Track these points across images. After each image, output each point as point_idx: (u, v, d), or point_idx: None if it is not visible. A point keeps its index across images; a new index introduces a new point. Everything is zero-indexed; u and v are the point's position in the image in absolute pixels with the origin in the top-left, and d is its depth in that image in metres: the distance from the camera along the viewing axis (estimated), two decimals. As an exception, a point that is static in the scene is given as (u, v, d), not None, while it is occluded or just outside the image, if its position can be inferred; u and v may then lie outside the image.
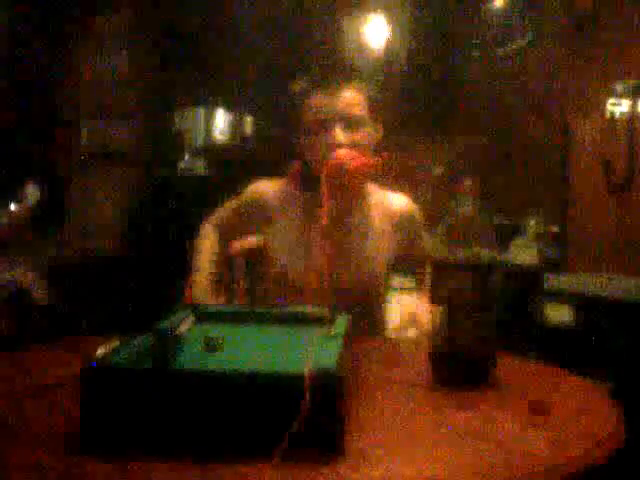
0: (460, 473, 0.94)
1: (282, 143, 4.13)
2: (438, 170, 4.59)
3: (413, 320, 1.73)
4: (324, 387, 0.95)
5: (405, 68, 4.67)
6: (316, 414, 0.94)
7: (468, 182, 3.96)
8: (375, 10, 4.64)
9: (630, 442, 1.08)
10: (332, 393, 0.95)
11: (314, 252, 1.82)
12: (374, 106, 1.83)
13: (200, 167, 4.71)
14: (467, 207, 1.29)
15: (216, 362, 1.13)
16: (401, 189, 1.97)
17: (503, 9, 4.50)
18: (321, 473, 0.92)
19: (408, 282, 2.01)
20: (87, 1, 4.51)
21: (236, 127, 4.78)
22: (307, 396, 0.94)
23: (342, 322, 1.32)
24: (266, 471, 0.90)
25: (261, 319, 1.43)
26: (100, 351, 1.19)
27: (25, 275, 3.65)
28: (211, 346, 1.19)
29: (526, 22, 4.35)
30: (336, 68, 1.89)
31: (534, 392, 1.31)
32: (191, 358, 1.14)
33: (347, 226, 1.87)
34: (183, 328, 1.27)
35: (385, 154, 1.80)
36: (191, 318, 1.37)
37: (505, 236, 3.99)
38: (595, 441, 1.05)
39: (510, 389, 1.31)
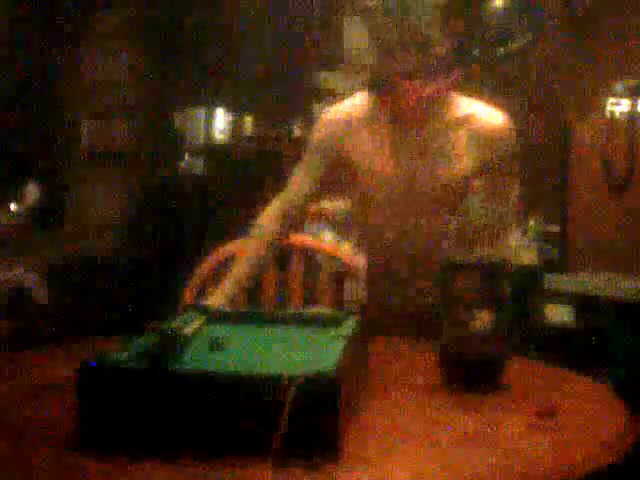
0: (457, 477, 0.93)
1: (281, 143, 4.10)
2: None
3: None
4: (321, 390, 0.94)
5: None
6: (312, 417, 0.94)
7: (478, 182, 3.93)
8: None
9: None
10: (328, 396, 0.95)
11: (396, 158, 1.82)
12: (448, 22, 1.74)
13: (200, 167, 4.71)
14: (477, 206, 1.29)
15: (216, 363, 1.13)
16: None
17: (503, 9, 4.49)
18: (315, 476, 0.91)
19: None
20: (87, 1, 4.50)
21: (236, 127, 4.78)
22: (287, 399, 0.93)
23: (351, 324, 1.31)
24: (266, 472, 0.90)
25: (272, 320, 1.43)
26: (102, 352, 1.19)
27: (25, 275, 3.65)
28: (215, 347, 1.19)
29: (526, 22, 4.35)
30: None
31: (541, 394, 1.29)
32: (193, 358, 1.13)
33: (424, 135, 1.83)
34: (191, 328, 1.27)
35: (458, 70, 1.75)
36: (201, 318, 1.37)
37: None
38: (601, 446, 1.03)
39: (516, 391, 1.29)
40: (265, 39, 4.66)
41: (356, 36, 4.63)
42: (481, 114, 1.83)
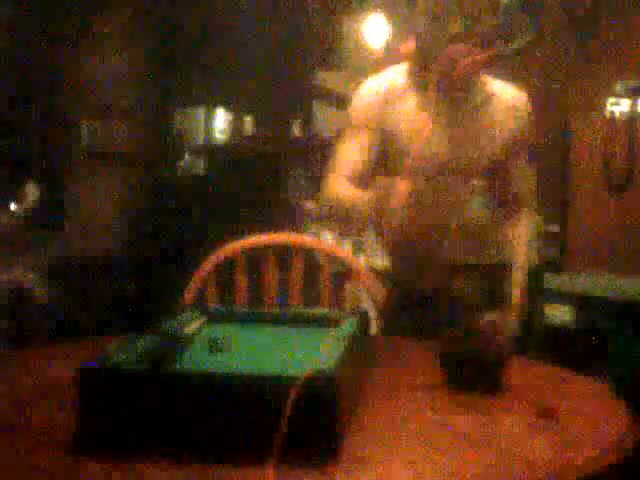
0: (457, 477, 0.93)
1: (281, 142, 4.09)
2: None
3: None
4: (320, 390, 0.94)
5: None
6: (312, 417, 0.94)
7: (477, 182, 3.93)
8: (375, 10, 4.63)
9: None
10: (328, 396, 0.95)
11: (434, 129, 1.83)
12: None
13: (200, 167, 4.71)
14: (477, 208, 1.29)
15: (215, 364, 1.13)
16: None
17: (503, 9, 4.49)
18: (315, 476, 0.91)
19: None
20: (87, 1, 4.50)
21: (236, 127, 4.78)
22: (287, 399, 0.92)
23: (351, 324, 1.31)
24: (266, 472, 0.90)
25: (272, 320, 1.43)
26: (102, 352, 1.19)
27: (25, 275, 3.65)
28: (215, 347, 1.19)
29: (526, 21, 4.35)
30: None
31: (541, 394, 1.29)
32: (193, 359, 1.13)
33: (461, 107, 1.87)
34: (191, 328, 1.26)
35: (496, 45, 1.77)
36: (201, 318, 1.37)
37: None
38: (601, 446, 1.02)
39: (517, 392, 1.29)
40: (265, 39, 4.66)
41: (356, 36, 4.63)
42: (506, 92, 1.93)
